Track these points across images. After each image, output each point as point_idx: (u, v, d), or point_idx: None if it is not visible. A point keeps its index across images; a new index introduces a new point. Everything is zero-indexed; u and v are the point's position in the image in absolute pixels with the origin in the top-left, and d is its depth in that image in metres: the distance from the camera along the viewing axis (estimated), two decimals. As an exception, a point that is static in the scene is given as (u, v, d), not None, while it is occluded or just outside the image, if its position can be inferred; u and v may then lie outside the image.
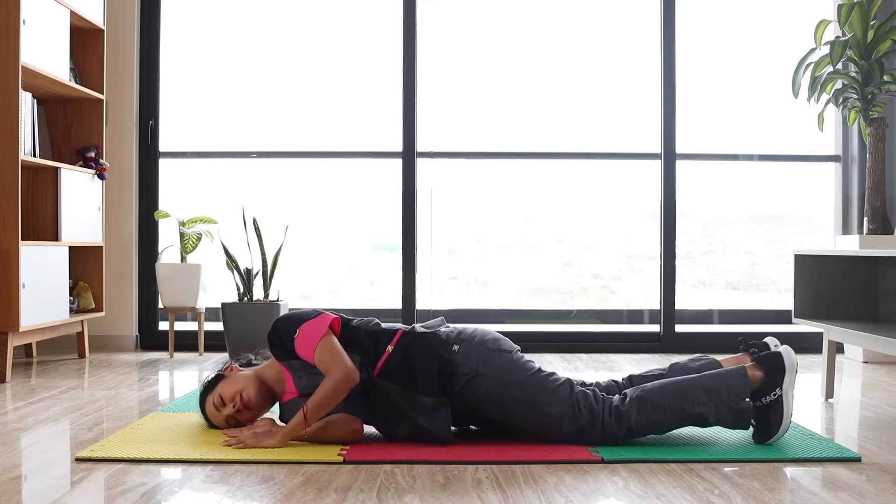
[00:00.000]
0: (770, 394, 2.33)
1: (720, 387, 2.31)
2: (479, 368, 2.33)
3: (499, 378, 2.33)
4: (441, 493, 1.94)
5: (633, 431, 2.31)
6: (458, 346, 2.37)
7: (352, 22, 4.75)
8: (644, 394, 2.33)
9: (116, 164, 4.47)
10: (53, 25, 3.78)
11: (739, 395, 2.30)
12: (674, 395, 2.31)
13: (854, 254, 2.95)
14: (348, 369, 2.28)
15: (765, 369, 2.36)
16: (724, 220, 4.90)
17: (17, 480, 2.03)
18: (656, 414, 2.30)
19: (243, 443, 2.29)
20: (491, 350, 2.37)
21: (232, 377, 2.46)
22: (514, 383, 2.32)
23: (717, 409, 2.30)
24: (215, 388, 2.46)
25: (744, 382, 2.32)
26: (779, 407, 2.32)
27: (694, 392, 2.31)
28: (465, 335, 2.41)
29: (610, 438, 2.31)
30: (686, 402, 2.30)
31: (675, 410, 2.30)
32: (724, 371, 2.38)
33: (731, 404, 2.29)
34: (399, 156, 4.63)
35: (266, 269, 4.17)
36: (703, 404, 2.29)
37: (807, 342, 4.52)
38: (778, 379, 2.33)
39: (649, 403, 2.31)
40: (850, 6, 4.01)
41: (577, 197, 4.85)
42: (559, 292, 4.86)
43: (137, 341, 4.55)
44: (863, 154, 4.61)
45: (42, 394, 3.18)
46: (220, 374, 2.49)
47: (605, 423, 2.30)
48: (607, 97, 4.81)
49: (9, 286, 3.44)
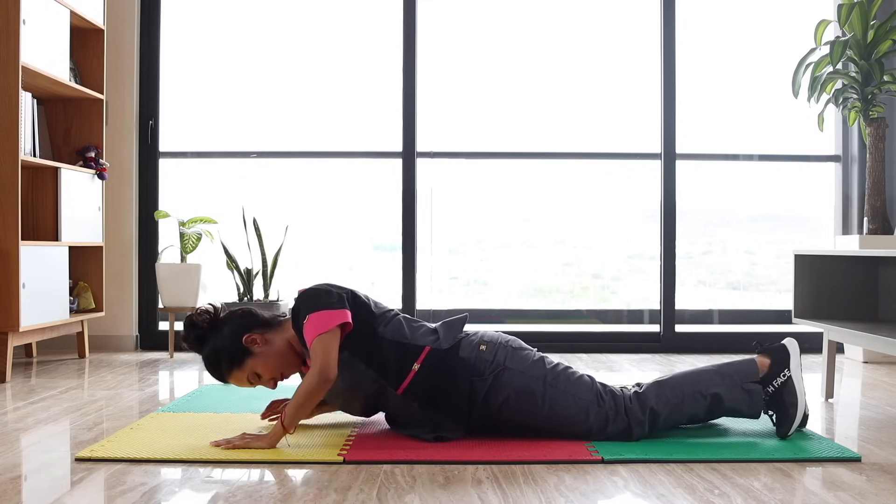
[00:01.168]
0: (780, 375, 2.44)
1: (731, 370, 2.45)
2: (506, 363, 2.37)
3: (525, 371, 2.38)
4: (441, 493, 1.94)
5: (655, 414, 2.38)
6: (484, 346, 2.40)
7: (352, 22, 4.75)
8: (660, 380, 2.45)
9: (116, 164, 4.47)
10: (53, 25, 3.78)
11: (749, 377, 2.43)
12: (689, 379, 2.44)
13: (854, 254, 2.95)
14: (324, 371, 2.24)
15: (770, 356, 2.48)
16: (724, 220, 4.90)
17: (17, 480, 2.03)
18: (675, 395, 2.40)
19: (232, 444, 2.28)
20: (515, 348, 2.43)
21: (263, 355, 2.37)
22: (539, 377, 2.37)
23: (730, 389, 2.41)
24: (245, 365, 2.37)
25: (753, 366, 2.46)
26: (791, 387, 2.42)
27: (707, 375, 2.44)
28: (488, 336, 2.45)
29: (635, 424, 2.36)
30: (701, 384, 2.42)
31: (692, 393, 2.41)
32: (734, 360, 2.52)
33: (742, 385, 2.42)
34: (399, 156, 4.63)
35: (266, 269, 4.17)
36: (718, 385, 2.42)
37: (807, 342, 4.50)
38: (784, 361, 2.45)
39: (667, 387, 2.41)
40: (850, 6, 4.01)
41: (577, 197, 4.85)
42: (559, 292, 4.86)
43: (137, 341, 4.55)
44: (863, 154, 4.61)
45: (42, 394, 3.18)
46: (245, 349, 2.37)
47: (629, 409, 2.37)
48: (607, 97, 4.81)
49: (9, 286, 3.45)
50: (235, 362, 2.38)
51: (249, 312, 2.44)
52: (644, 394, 2.40)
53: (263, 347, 2.39)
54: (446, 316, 4.69)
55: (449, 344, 2.38)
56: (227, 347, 2.38)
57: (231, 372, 2.40)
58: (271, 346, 2.40)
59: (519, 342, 2.48)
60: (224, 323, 2.42)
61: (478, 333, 2.46)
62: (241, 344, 2.37)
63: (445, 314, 4.71)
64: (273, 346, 2.40)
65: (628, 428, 2.36)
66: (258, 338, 2.39)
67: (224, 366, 2.39)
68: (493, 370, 2.36)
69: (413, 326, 2.44)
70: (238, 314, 2.43)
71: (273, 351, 2.39)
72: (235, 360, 2.38)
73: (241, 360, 2.38)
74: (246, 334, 2.38)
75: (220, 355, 2.39)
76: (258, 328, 2.41)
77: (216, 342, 2.39)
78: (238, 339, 2.38)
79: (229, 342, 2.38)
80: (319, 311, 2.29)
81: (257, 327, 2.41)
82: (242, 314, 2.43)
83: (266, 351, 2.39)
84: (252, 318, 2.43)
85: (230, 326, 2.40)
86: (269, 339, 2.41)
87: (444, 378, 2.36)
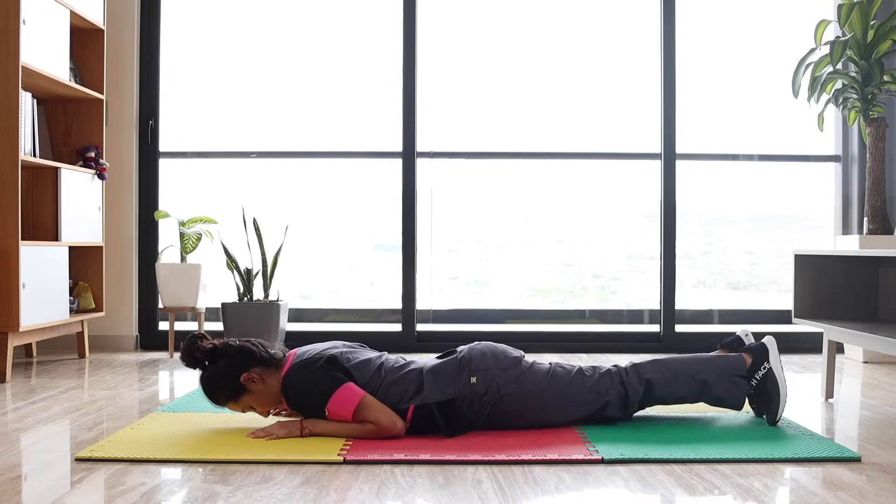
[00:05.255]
0: (760, 368, 2.60)
1: (722, 362, 2.62)
2: (501, 391, 2.46)
3: (523, 393, 2.48)
4: (441, 493, 1.94)
5: (651, 384, 2.54)
6: (475, 378, 2.45)
7: (352, 22, 4.75)
8: (658, 358, 2.64)
9: (116, 164, 4.47)
10: (53, 25, 3.78)
11: (737, 370, 2.60)
12: (683, 363, 2.61)
13: (854, 254, 2.95)
14: (393, 429, 2.38)
15: (751, 354, 2.65)
16: (724, 220, 4.90)
17: (17, 480, 2.03)
18: (669, 373, 2.57)
19: (275, 434, 2.37)
20: (505, 371, 2.48)
21: (259, 393, 2.45)
22: (536, 392, 2.49)
23: (718, 378, 2.58)
24: (240, 401, 2.46)
25: (740, 361, 2.62)
26: (772, 377, 2.58)
27: (700, 363, 2.61)
28: (476, 363, 2.46)
29: (632, 392, 2.53)
30: (694, 369, 2.59)
31: (684, 375, 2.58)
32: (725, 354, 2.69)
33: (731, 377, 2.59)
34: (399, 156, 4.63)
35: (266, 269, 4.17)
36: (708, 373, 2.58)
37: (807, 342, 4.53)
38: (763, 355, 2.62)
39: (663, 365, 2.59)
40: (850, 6, 4.01)
41: (577, 197, 4.85)
42: (559, 292, 4.86)
43: (137, 341, 4.55)
44: (863, 154, 4.61)
45: (42, 394, 3.18)
46: (242, 386, 2.44)
47: (625, 381, 2.54)
48: (607, 97, 4.81)
49: (9, 286, 3.44)
50: (231, 398, 2.47)
51: (249, 351, 2.48)
52: (641, 367, 2.58)
53: (260, 386, 2.45)
54: (446, 316, 4.71)
55: (434, 400, 2.43)
56: (224, 383, 2.45)
57: (227, 404, 2.49)
58: (268, 385, 2.46)
59: (506, 356, 2.51)
60: (222, 355, 2.47)
61: (461, 353, 2.51)
62: (239, 382, 2.44)
63: (445, 314, 4.72)
64: (269, 385, 2.46)
65: (625, 394, 2.54)
66: (256, 376, 2.44)
67: (221, 398, 2.48)
68: (489, 400, 2.45)
69: (394, 384, 2.45)
70: (237, 350, 2.48)
71: (269, 391, 2.47)
72: (231, 397, 2.46)
73: (236, 397, 2.46)
74: (244, 373, 2.44)
75: (218, 389, 2.47)
76: (256, 367, 2.46)
77: (213, 375, 2.46)
78: (236, 376, 2.44)
79: (227, 379, 2.45)
80: (334, 395, 2.38)
81: (255, 366, 2.46)
82: (241, 352, 2.47)
83: (262, 389, 2.46)
84: (251, 356, 2.47)
85: (228, 362, 2.45)
86: (266, 378, 2.46)
87: (442, 413, 2.44)
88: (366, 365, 2.48)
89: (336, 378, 2.40)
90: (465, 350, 2.52)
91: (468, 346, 2.55)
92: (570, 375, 2.53)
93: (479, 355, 2.49)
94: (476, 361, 2.47)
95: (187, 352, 2.46)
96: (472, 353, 2.50)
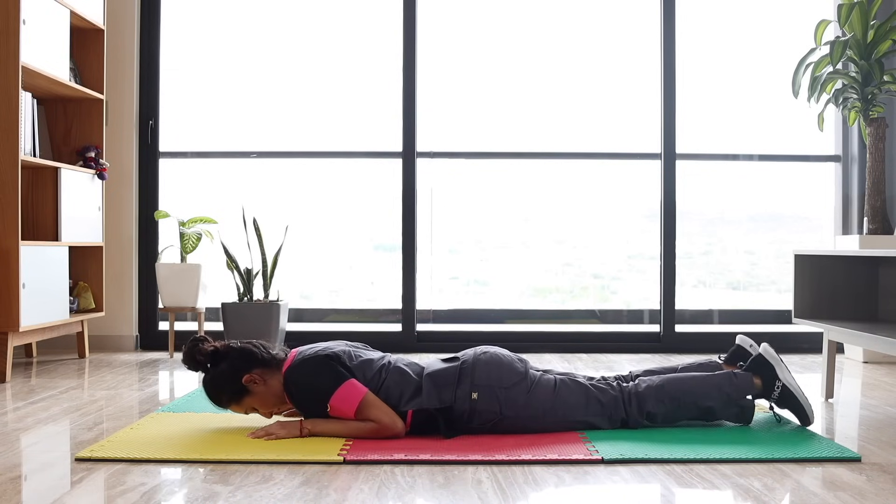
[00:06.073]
0: (774, 389, 2.57)
1: (728, 386, 2.55)
2: (503, 411, 2.45)
3: (524, 416, 2.46)
4: (441, 493, 1.94)
5: (652, 416, 2.52)
6: (476, 394, 2.44)
7: (352, 22, 4.75)
8: (662, 383, 2.55)
9: (116, 164, 4.47)
10: (53, 25, 3.78)
11: (745, 393, 2.56)
12: (687, 389, 2.54)
13: (854, 254, 2.95)
14: (393, 428, 2.38)
15: (758, 375, 2.60)
16: (724, 220, 4.90)
17: (17, 480, 2.03)
18: (672, 402, 2.52)
19: (274, 434, 2.38)
20: (509, 389, 2.46)
21: (261, 395, 2.45)
22: (538, 414, 2.47)
23: (724, 405, 2.55)
24: (243, 402, 2.46)
25: (750, 383, 2.58)
26: (788, 392, 2.56)
27: (706, 388, 2.55)
28: (479, 377, 2.45)
29: (633, 422, 2.51)
30: (698, 396, 2.53)
31: (688, 403, 2.53)
32: (732, 373, 2.60)
33: (737, 401, 2.55)
34: (399, 156, 4.63)
35: (266, 269, 4.17)
36: (713, 399, 2.54)
37: (807, 342, 4.53)
38: (771, 373, 2.58)
39: (666, 394, 2.52)
40: (850, 6, 4.01)
41: (577, 197, 4.85)
42: (559, 292, 4.86)
43: (137, 341, 4.55)
44: (863, 154, 4.61)
45: (42, 394, 3.18)
46: (244, 388, 2.44)
47: (628, 411, 2.50)
48: (607, 97, 4.81)
49: (9, 286, 3.45)
50: (234, 400, 2.47)
51: (250, 352, 2.48)
52: (643, 396, 2.52)
53: (262, 387, 2.46)
54: (446, 316, 4.71)
55: (433, 406, 2.43)
56: (226, 386, 2.46)
57: (229, 406, 2.49)
58: (270, 386, 2.46)
59: (510, 363, 2.49)
60: (223, 358, 2.47)
61: (462, 360, 2.49)
62: (241, 383, 2.44)
63: (445, 314, 4.72)
64: (271, 386, 2.47)
65: (626, 424, 2.52)
66: (257, 377, 2.45)
67: (223, 400, 2.48)
68: (490, 419, 2.45)
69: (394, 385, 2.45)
70: (238, 352, 2.47)
71: (271, 391, 2.47)
72: (234, 399, 2.47)
73: (239, 399, 2.46)
74: (246, 374, 2.44)
75: (220, 391, 2.47)
76: (257, 368, 2.46)
77: (215, 377, 2.46)
78: (238, 378, 2.44)
79: (229, 381, 2.45)
80: (337, 390, 2.38)
81: (257, 367, 2.46)
82: (242, 353, 2.47)
83: (264, 390, 2.46)
84: (252, 358, 2.47)
85: (230, 364, 2.45)
86: (268, 379, 2.47)
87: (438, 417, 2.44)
88: (368, 364, 2.48)
89: (340, 374, 2.40)
90: (469, 357, 2.50)
91: (473, 353, 2.51)
92: (576, 396, 2.49)
93: (483, 367, 2.46)
94: (479, 375, 2.45)
95: (189, 355, 2.46)
96: (477, 363, 2.47)
